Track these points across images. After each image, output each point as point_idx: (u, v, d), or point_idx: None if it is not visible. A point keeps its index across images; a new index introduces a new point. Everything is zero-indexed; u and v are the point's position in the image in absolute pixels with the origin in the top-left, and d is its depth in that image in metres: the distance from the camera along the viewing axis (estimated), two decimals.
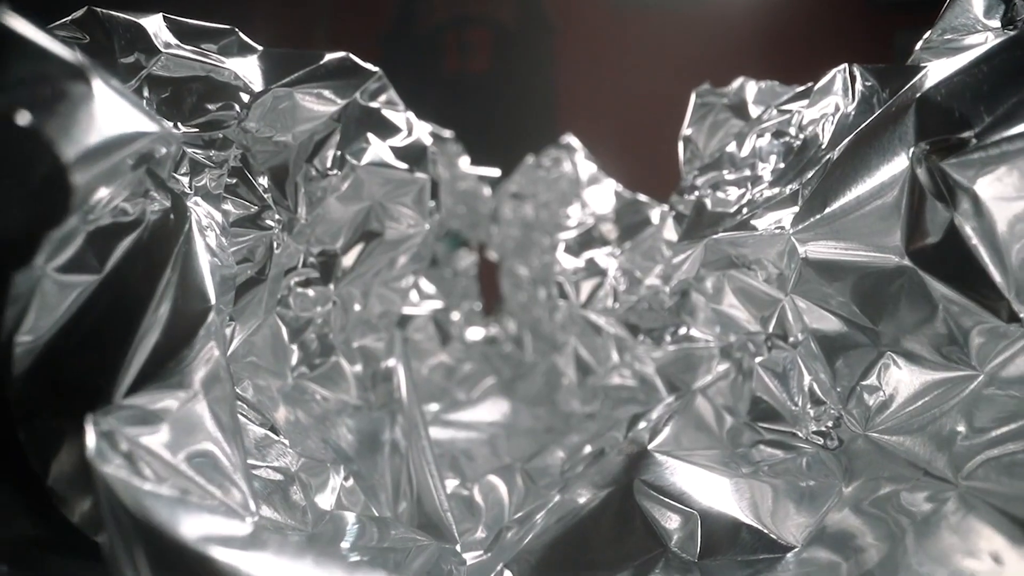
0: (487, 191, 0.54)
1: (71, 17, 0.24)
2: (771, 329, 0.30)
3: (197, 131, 0.25)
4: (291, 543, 0.21)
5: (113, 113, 0.16)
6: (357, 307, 0.34)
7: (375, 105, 0.32)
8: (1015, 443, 0.21)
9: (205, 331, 0.19)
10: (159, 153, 0.18)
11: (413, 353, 0.48)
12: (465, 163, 0.53)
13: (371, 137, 0.32)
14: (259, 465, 0.24)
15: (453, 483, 0.35)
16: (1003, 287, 0.20)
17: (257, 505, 0.19)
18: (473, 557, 0.28)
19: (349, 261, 0.33)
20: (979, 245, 0.20)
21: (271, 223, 0.27)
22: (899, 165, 0.22)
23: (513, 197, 0.53)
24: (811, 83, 0.32)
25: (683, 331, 0.36)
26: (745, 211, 0.30)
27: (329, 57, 0.29)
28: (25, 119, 0.13)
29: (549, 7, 0.97)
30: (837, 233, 0.24)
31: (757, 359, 0.31)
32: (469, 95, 0.94)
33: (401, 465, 0.33)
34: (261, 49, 0.28)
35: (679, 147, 0.36)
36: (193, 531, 0.14)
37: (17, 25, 0.14)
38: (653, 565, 0.24)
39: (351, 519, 0.26)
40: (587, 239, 0.43)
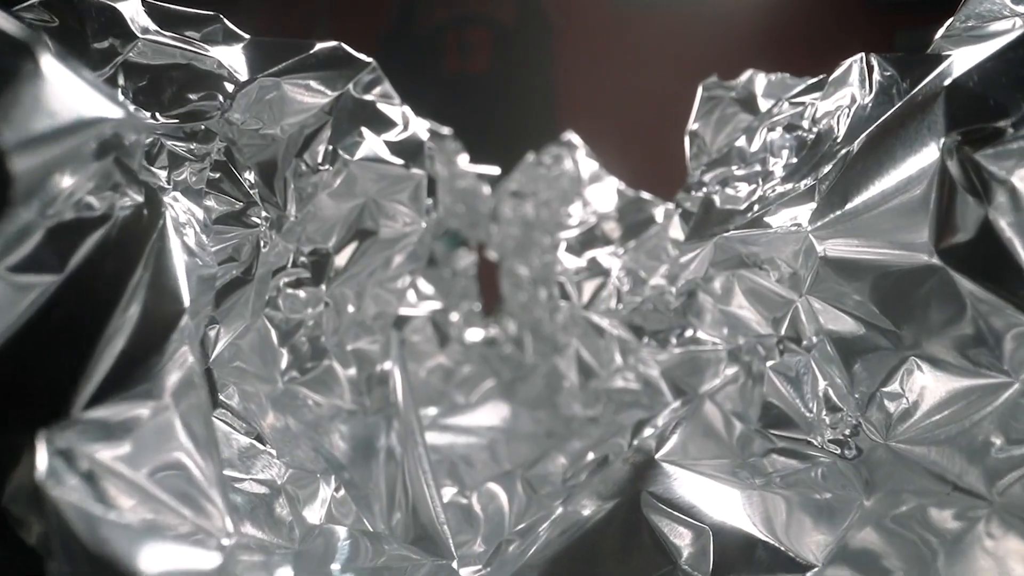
0: (486, 189, 0.52)
1: None
2: (783, 331, 0.28)
3: (177, 122, 0.23)
4: (273, 566, 0.19)
5: (67, 94, 0.14)
6: (351, 309, 0.32)
7: (369, 98, 0.31)
8: None
9: (178, 335, 0.17)
10: (127, 141, 0.16)
11: (411, 355, 0.46)
12: (464, 161, 0.51)
13: (365, 131, 0.30)
14: (242, 478, 0.22)
15: (451, 491, 0.34)
16: None
17: (236, 524, 0.17)
18: (471, 572, 0.26)
19: (342, 261, 0.31)
20: (1015, 241, 0.19)
21: (257, 220, 0.25)
22: (928, 157, 0.20)
23: (513, 195, 0.51)
24: (824, 75, 0.31)
25: (689, 333, 0.34)
26: (756, 208, 0.28)
27: (320, 46, 0.27)
28: None
29: (549, 6, 0.95)
30: (858, 230, 0.22)
31: (768, 363, 0.29)
32: (469, 95, 0.93)
33: (396, 473, 0.31)
34: (248, 38, 0.26)
35: (685, 142, 0.34)
36: (154, 566, 0.13)
37: None
38: None
39: (342, 534, 0.24)
40: (589, 238, 0.41)
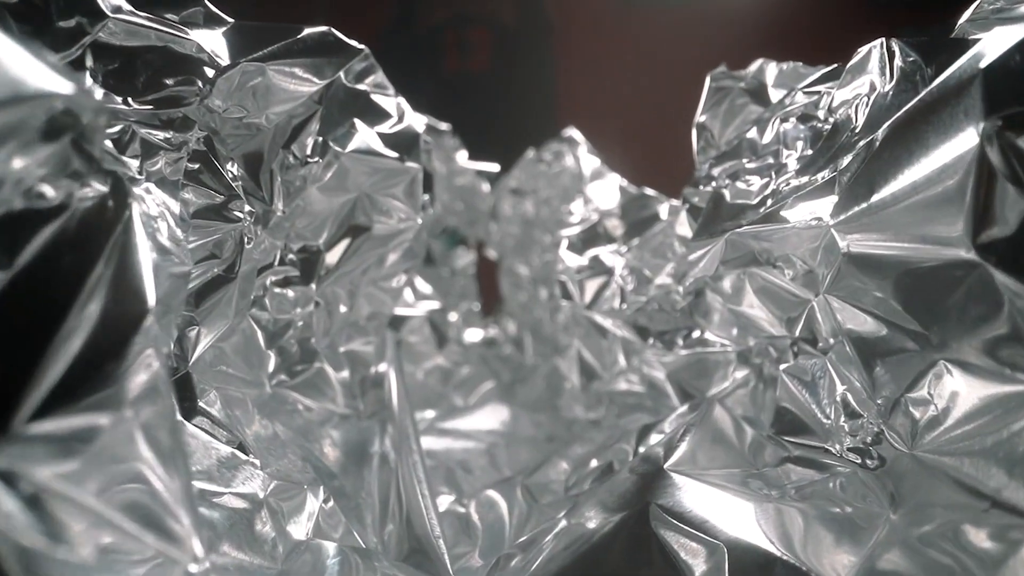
0: (486, 187, 0.50)
1: None
2: (797, 333, 0.27)
3: (151, 108, 0.21)
4: None
5: (7, 65, 0.12)
6: (343, 309, 0.30)
7: (362, 87, 0.29)
8: None
9: (142, 337, 0.15)
10: (84, 121, 0.15)
11: (408, 356, 0.44)
12: (463, 158, 0.49)
13: (357, 123, 0.28)
14: (221, 492, 0.20)
15: (448, 499, 0.32)
16: None
17: (207, 545, 0.15)
18: None
19: (333, 258, 0.29)
20: None
21: (240, 215, 0.23)
22: (964, 144, 0.18)
23: (513, 193, 0.49)
24: (839, 63, 0.29)
25: (696, 334, 0.32)
26: (770, 202, 0.26)
27: (308, 31, 0.25)
28: None
29: (549, 6, 0.94)
30: (886, 224, 0.20)
31: (781, 366, 0.27)
32: (469, 94, 0.91)
33: (390, 480, 0.29)
34: (232, 22, 0.24)
35: (692, 135, 0.32)
36: None
37: None
38: None
39: (330, 551, 0.22)
40: (591, 235, 0.39)
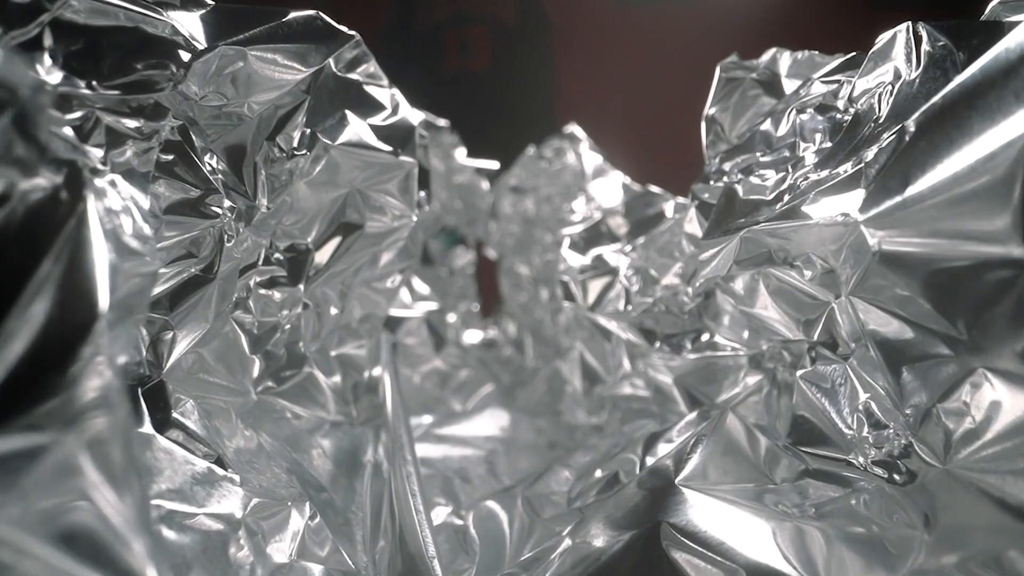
0: (485, 185, 0.48)
1: None
2: (816, 337, 0.25)
3: (119, 94, 0.19)
4: None
5: None
6: (334, 311, 0.28)
7: (354, 77, 0.27)
8: None
9: (92, 344, 0.13)
10: (21, 97, 0.13)
11: (404, 359, 0.42)
12: (462, 155, 0.47)
13: (348, 114, 0.26)
14: (193, 512, 0.18)
15: (445, 510, 0.30)
16: None
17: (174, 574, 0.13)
18: None
19: (323, 258, 0.27)
20: None
21: (218, 210, 0.21)
22: (1015, 129, 0.16)
23: (513, 191, 0.47)
24: (858, 51, 0.27)
25: (705, 337, 0.30)
26: (787, 198, 0.24)
27: (294, 15, 0.23)
28: None
29: (549, 5, 0.92)
30: (922, 219, 0.18)
31: (798, 372, 0.25)
32: (468, 94, 0.89)
33: (383, 491, 0.27)
34: (212, 3, 0.22)
35: (701, 128, 0.30)
36: None
37: None
38: None
39: (316, 574, 0.20)
40: (594, 234, 0.37)
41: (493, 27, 0.94)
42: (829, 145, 0.25)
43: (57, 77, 0.17)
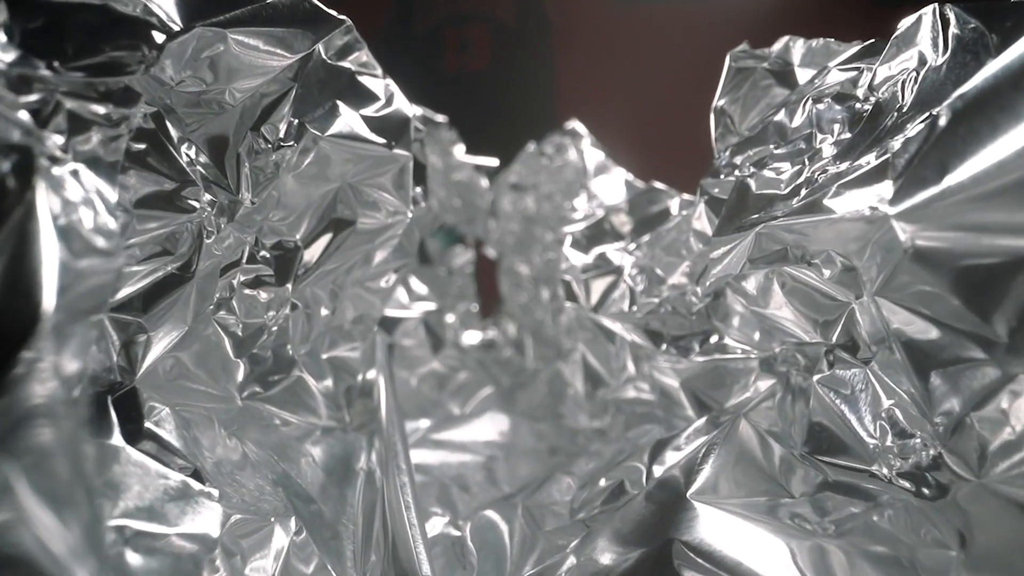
0: (484, 182, 0.46)
1: None
2: (834, 339, 0.23)
3: (83, 76, 0.17)
4: None
5: None
6: (324, 311, 0.26)
7: (345, 65, 0.25)
8: None
9: (34, 349, 0.12)
10: None
11: (401, 361, 0.40)
12: (460, 151, 0.45)
13: (339, 104, 0.24)
14: (164, 534, 0.16)
15: (441, 520, 0.28)
16: None
17: None
18: None
19: (313, 256, 0.25)
20: None
21: (196, 203, 0.19)
22: None
23: (513, 188, 0.45)
24: (877, 38, 0.25)
25: (714, 339, 0.28)
26: (804, 192, 0.22)
27: None
28: None
29: (549, 4, 0.90)
30: (962, 211, 0.16)
31: (815, 376, 0.23)
32: (468, 93, 0.88)
33: (376, 501, 0.25)
34: None
35: (711, 121, 0.28)
36: None
37: None
38: None
39: None
40: (597, 232, 0.35)
41: (493, 27, 0.92)
42: (848, 136, 0.23)
43: (12, 56, 0.16)
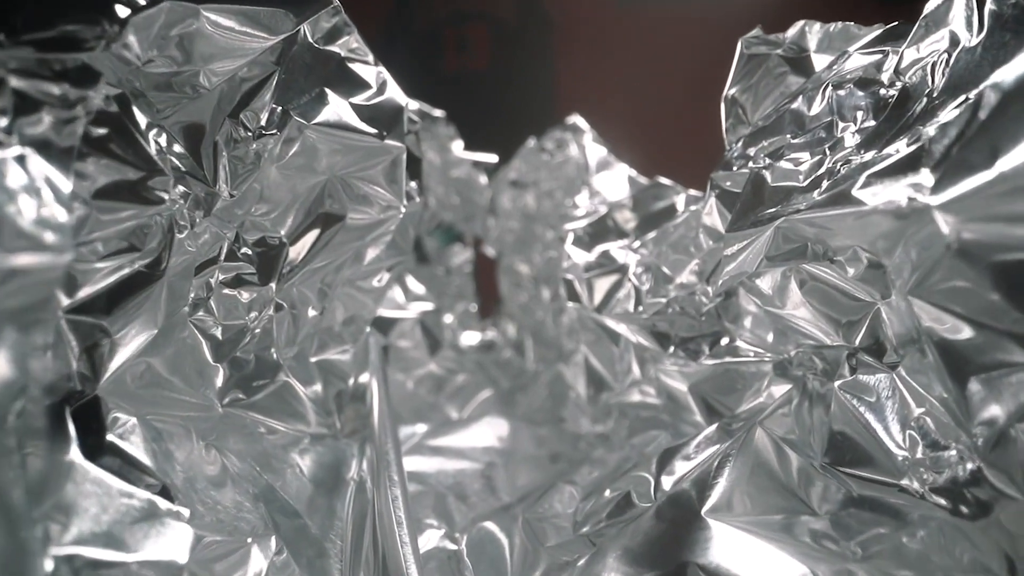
0: (483, 179, 0.44)
1: None
2: (857, 342, 0.21)
3: (34, 51, 0.15)
4: None
5: None
6: (312, 312, 0.25)
7: (334, 50, 0.23)
8: None
9: None
10: None
11: (397, 363, 0.38)
12: (459, 148, 0.43)
13: (326, 91, 0.22)
14: (121, 562, 0.14)
15: (437, 534, 0.26)
16: None
17: None
18: None
19: (299, 253, 0.23)
20: None
21: (164, 195, 0.18)
22: None
23: (512, 185, 0.43)
24: (901, 21, 0.23)
25: (725, 342, 0.27)
26: (826, 184, 0.20)
27: None
28: None
29: (549, 3, 0.88)
30: (1013, 200, 0.14)
31: (836, 382, 0.21)
32: (468, 93, 0.86)
33: (366, 513, 0.23)
34: None
35: (721, 110, 0.26)
36: None
37: None
38: None
39: None
40: (600, 229, 0.33)
41: (493, 25, 0.90)
42: (873, 123, 0.21)
43: None
